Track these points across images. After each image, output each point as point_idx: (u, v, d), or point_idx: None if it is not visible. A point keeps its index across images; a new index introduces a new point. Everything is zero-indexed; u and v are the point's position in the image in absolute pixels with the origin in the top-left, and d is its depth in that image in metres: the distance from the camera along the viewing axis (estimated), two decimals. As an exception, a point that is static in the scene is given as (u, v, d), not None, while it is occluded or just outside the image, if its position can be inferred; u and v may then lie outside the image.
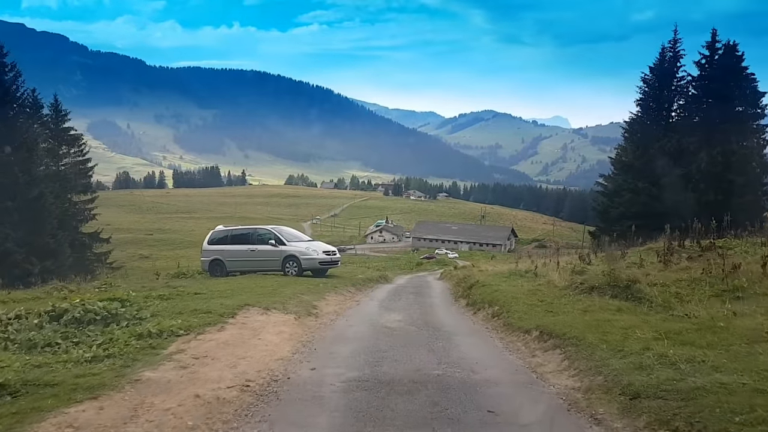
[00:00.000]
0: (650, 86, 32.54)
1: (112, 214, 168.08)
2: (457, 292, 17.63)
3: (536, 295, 12.55)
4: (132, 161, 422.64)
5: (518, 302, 11.82)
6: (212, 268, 21.10)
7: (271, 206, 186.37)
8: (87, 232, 35.97)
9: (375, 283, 21.29)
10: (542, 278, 15.19)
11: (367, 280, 21.19)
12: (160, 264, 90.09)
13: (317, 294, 14.67)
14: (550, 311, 10.46)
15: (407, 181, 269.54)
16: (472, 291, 15.81)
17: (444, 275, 29.01)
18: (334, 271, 22.54)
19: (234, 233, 21.47)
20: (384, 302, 15.18)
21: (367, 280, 21.19)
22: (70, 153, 36.45)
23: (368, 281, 21.02)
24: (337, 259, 21.23)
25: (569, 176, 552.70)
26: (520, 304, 11.55)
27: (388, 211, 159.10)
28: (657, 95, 32.51)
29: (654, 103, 32.69)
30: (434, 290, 20.03)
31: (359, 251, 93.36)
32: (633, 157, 31.55)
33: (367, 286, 19.60)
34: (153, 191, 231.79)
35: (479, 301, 13.87)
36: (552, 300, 11.56)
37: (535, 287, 13.76)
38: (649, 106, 32.88)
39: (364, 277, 22.05)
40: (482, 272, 21.90)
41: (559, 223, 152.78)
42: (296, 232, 22.43)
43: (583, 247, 67.18)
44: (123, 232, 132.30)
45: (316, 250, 20.17)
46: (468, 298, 15.21)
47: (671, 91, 32.61)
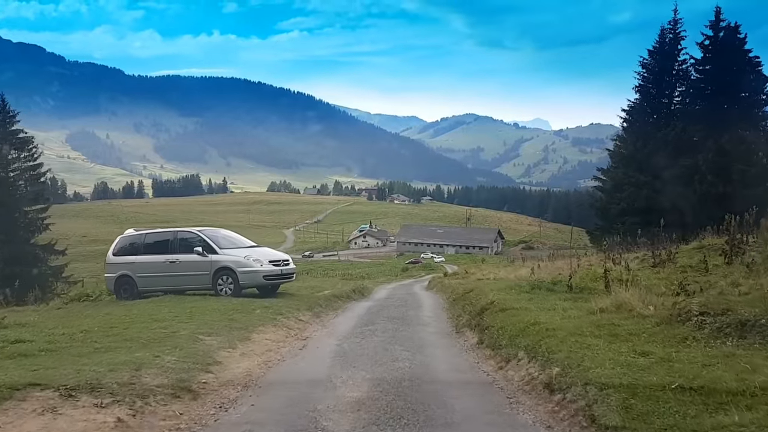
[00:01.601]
0: (650, 71, 30.20)
1: (89, 225, 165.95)
2: (456, 314, 12.60)
3: (626, 340, 6.58)
4: (112, 171, 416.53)
5: (610, 365, 5.58)
6: (119, 288, 15.59)
7: (253, 213, 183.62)
8: (40, 245, 32.87)
9: (344, 301, 16.12)
10: (597, 297, 9.18)
11: (334, 298, 15.77)
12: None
13: (241, 330, 9.18)
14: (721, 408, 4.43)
15: (391, 185, 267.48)
16: (485, 318, 10.05)
17: (433, 284, 25.72)
18: (296, 285, 17.87)
19: (148, 239, 15.99)
20: (347, 339, 9.61)
21: (334, 298, 15.77)
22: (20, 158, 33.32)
23: (335, 299, 15.64)
24: (291, 270, 15.77)
25: (551, 177, 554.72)
26: (619, 372, 5.34)
27: (373, 216, 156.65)
28: (657, 80, 30.21)
29: (655, 88, 30.32)
30: (424, 309, 14.92)
31: (343, 257, 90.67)
32: (634, 149, 29.09)
33: (332, 307, 14.36)
34: (132, 201, 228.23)
35: (505, 341, 7.99)
36: (684, 360, 5.56)
37: (600, 317, 7.90)
38: (649, 92, 30.48)
39: (330, 294, 16.57)
40: (483, 281, 17.67)
41: (545, 225, 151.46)
42: (235, 235, 16.82)
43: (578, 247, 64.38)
44: (100, 243, 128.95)
45: (259, 259, 14.69)
46: (480, 332, 9.53)
47: (672, 76, 30.37)
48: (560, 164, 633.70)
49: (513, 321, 8.66)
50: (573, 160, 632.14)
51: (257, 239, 65.46)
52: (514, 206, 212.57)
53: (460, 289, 16.80)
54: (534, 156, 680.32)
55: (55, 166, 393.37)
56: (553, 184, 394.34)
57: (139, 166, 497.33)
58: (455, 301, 14.61)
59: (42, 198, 34.44)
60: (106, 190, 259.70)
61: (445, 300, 16.83)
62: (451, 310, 13.84)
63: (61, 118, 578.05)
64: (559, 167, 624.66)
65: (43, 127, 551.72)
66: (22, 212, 31.96)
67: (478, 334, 9.53)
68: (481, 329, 9.55)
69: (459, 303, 13.81)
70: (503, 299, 10.86)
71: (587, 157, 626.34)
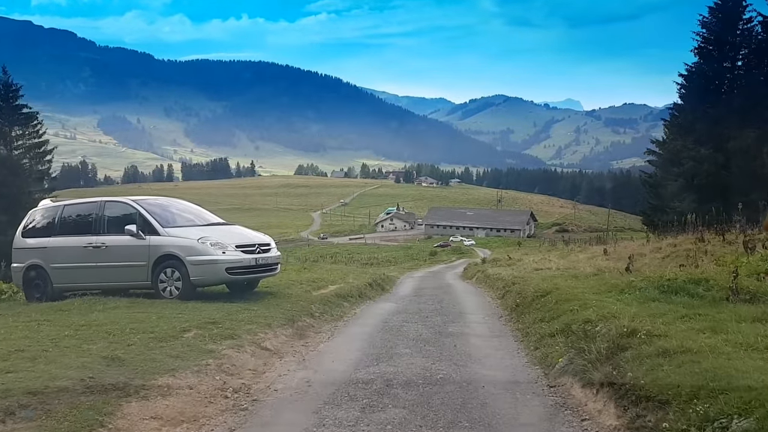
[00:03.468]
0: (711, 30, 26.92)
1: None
2: (537, 337, 7.34)
3: None
4: (143, 156, 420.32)
5: None
6: (28, 285, 11.10)
7: (281, 196, 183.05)
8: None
9: (353, 303, 11.47)
10: None
11: (338, 299, 11.06)
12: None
13: (116, 390, 4.56)
14: None
15: (418, 168, 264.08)
16: (627, 367, 4.60)
17: (471, 272, 22.19)
18: (292, 279, 13.20)
19: (66, 213, 11.09)
20: (335, 405, 4.87)
21: (338, 299, 11.06)
22: (25, 134, 31.46)
23: (339, 301, 11.00)
24: (272, 260, 10.62)
25: (583, 159, 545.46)
26: None
27: (400, 199, 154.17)
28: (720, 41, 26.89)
29: (716, 50, 26.96)
30: (471, 318, 9.92)
31: (369, 240, 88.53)
32: (693, 118, 25.86)
33: (331, 315, 9.76)
34: (161, 185, 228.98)
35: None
36: None
37: None
38: (710, 54, 27.08)
39: (335, 291, 11.76)
40: (546, 273, 12.61)
41: (578, 207, 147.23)
42: (195, 208, 11.60)
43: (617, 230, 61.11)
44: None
45: (221, 243, 9.79)
46: (632, 404, 4.19)
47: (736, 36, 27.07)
48: (592, 145, 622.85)
49: (702, 381, 3.82)
50: (605, 141, 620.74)
51: (284, 222, 62.28)
52: (545, 188, 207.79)
53: (519, 286, 11.33)
54: (565, 137, 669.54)
55: (88, 151, 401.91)
56: (584, 165, 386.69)
57: (169, 150, 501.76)
58: (520, 309, 9.57)
59: (48, 177, 32.61)
60: (136, 173, 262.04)
61: (496, 300, 12.35)
62: (518, 323, 8.92)
63: (93, 103, 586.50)
64: (591, 148, 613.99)
65: (75, 112, 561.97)
66: (27, 193, 30.13)
67: (619, 409, 4.28)
68: (632, 397, 4.20)
69: (530, 313, 8.83)
70: (637, 321, 5.61)
71: (620, 138, 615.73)
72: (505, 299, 11.56)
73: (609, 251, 15.33)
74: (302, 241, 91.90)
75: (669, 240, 13.42)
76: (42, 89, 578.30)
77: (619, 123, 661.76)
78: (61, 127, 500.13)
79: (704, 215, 15.59)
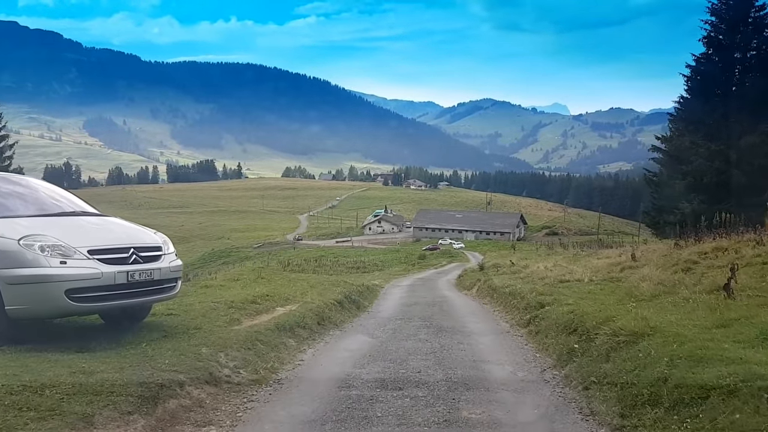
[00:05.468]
0: (721, 18, 25.28)
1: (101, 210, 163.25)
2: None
3: None
4: (129, 157, 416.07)
5: None
6: None
7: (267, 199, 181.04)
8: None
9: (305, 341, 7.54)
10: None
11: (281, 334, 7.19)
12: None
13: None
14: None
15: (407, 170, 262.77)
16: None
17: (467, 279, 19.32)
18: (223, 296, 9.43)
19: None
20: None
21: (281, 334, 7.19)
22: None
23: (280, 337, 7.09)
24: (163, 275, 6.49)
25: (570, 163, 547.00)
26: None
27: (388, 201, 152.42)
28: (730, 29, 25.23)
29: (727, 39, 25.21)
30: (502, 398, 5.00)
31: (356, 243, 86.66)
32: (702, 112, 24.16)
33: (251, 373, 5.63)
34: (146, 186, 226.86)
35: None
36: None
37: None
38: (720, 43, 25.33)
39: (276, 322, 7.58)
40: (580, 287, 10.29)
41: (566, 210, 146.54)
42: (45, 187, 7.44)
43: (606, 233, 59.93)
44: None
45: (62, 244, 5.77)
46: None
47: (747, 24, 25.45)
48: (579, 149, 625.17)
49: None
50: (592, 145, 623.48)
51: (271, 225, 58.48)
52: (533, 191, 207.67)
53: (558, 312, 7.86)
54: (552, 141, 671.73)
55: (73, 152, 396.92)
56: (572, 169, 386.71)
57: (156, 152, 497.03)
58: (592, 369, 5.31)
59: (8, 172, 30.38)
60: (121, 175, 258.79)
61: (519, 330, 8.74)
62: (615, 412, 4.31)
63: (79, 104, 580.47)
64: (578, 152, 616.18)
65: (61, 113, 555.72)
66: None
67: None
68: None
69: (625, 388, 4.49)
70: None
71: (607, 142, 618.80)
72: (543, 337, 7.48)
73: (637, 256, 13.07)
74: (288, 244, 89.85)
75: (693, 247, 11.45)
76: (28, 90, 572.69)
77: (605, 127, 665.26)
78: (47, 128, 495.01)
79: (713, 216, 13.98)
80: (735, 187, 21.52)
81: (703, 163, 22.80)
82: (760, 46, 25.30)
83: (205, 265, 57.93)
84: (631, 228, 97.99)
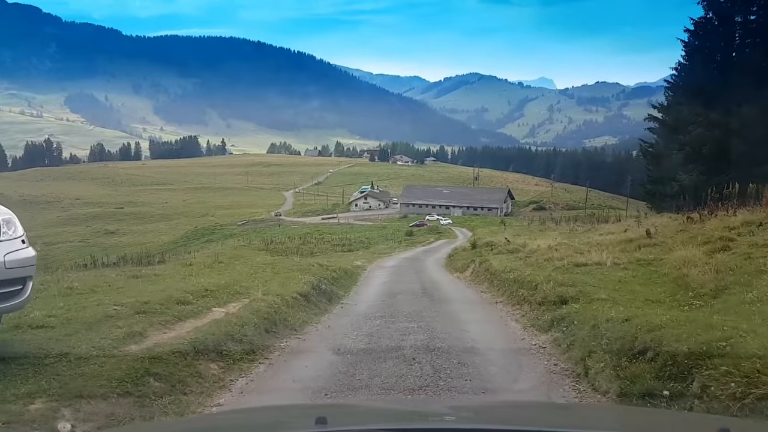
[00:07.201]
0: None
1: (83, 187, 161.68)
2: None
3: None
4: (111, 134, 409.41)
5: None
6: None
7: (252, 175, 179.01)
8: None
9: (231, 370, 5.24)
10: None
11: (195, 361, 5.00)
12: (126, 240, 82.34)
13: None
14: None
15: (393, 146, 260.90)
16: None
17: (461, 263, 17.45)
18: (137, 294, 7.60)
19: None
20: None
21: (195, 361, 5.00)
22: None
23: (192, 366, 4.87)
24: (9, 276, 4.20)
25: (556, 137, 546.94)
26: None
27: (375, 178, 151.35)
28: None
29: (728, 1, 24.19)
30: None
31: (343, 220, 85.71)
32: (701, 78, 23.29)
33: None
34: (128, 163, 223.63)
35: None
36: None
37: None
38: (720, 6, 24.22)
39: (194, 338, 5.48)
40: (629, 281, 8.52)
41: (554, 185, 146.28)
42: None
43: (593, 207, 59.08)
44: (92, 206, 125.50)
45: None
46: None
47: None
48: (565, 124, 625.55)
49: None
50: (578, 119, 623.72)
51: (256, 202, 56.63)
52: (520, 166, 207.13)
53: (595, 314, 6.05)
54: (539, 116, 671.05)
55: (54, 129, 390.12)
56: (558, 143, 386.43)
57: (138, 128, 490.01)
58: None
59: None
60: (103, 152, 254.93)
61: (538, 336, 6.94)
62: None
63: (60, 80, 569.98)
64: (563, 127, 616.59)
65: (41, 89, 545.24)
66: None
67: None
68: None
69: None
70: None
71: (592, 116, 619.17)
72: (583, 356, 5.36)
73: (651, 232, 11.71)
74: (273, 221, 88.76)
75: (714, 221, 10.63)
76: (7, 66, 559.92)
77: (591, 102, 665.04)
78: (27, 104, 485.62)
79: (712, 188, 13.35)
80: (735, 157, 20.75)
81: (703, 133, 21.95)
82: (764, 6, 24.20)
83: (188, 244, 56.81)
84: (618, 202, 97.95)
